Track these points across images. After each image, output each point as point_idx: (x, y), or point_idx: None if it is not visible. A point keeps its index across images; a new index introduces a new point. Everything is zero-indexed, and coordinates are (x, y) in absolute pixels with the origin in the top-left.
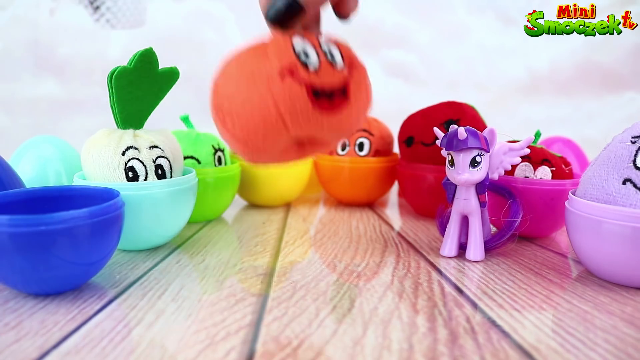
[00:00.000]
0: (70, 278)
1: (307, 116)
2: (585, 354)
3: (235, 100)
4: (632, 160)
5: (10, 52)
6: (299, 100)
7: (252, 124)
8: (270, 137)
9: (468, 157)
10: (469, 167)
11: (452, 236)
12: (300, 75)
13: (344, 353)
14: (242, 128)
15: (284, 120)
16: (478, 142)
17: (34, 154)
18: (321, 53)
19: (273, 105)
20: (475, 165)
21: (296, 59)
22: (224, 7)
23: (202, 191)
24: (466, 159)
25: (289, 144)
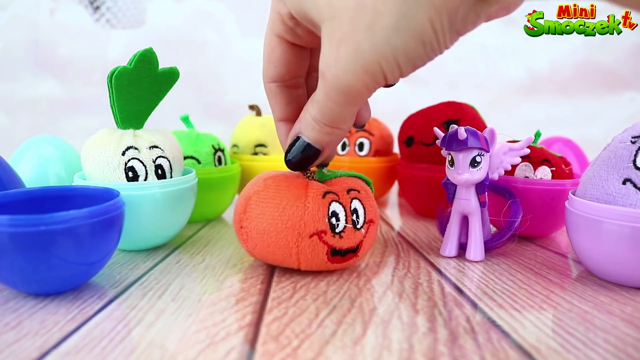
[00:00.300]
0: (70, 278)
1: (320, 266)
2: (585, 354)
3: (263, 236)
4: (632, 160)
5: (10, 52)
6: (319, 256)
7: (270, 256)
8: (279, 264)
9: (468, 157)
10: (469, 167)
11: (452, 236)
12: (326, 239)
13: (344, 353)
14: (259, 253)
15: (299, 263)
16: (478, 142)
17: (34, 154)
18: (349, 216)
19: (295, 254)
20: (475, 165)
21: (328, 223)
22: (224, 7)
23: (202, 191)
24: (466, 159)
25: None
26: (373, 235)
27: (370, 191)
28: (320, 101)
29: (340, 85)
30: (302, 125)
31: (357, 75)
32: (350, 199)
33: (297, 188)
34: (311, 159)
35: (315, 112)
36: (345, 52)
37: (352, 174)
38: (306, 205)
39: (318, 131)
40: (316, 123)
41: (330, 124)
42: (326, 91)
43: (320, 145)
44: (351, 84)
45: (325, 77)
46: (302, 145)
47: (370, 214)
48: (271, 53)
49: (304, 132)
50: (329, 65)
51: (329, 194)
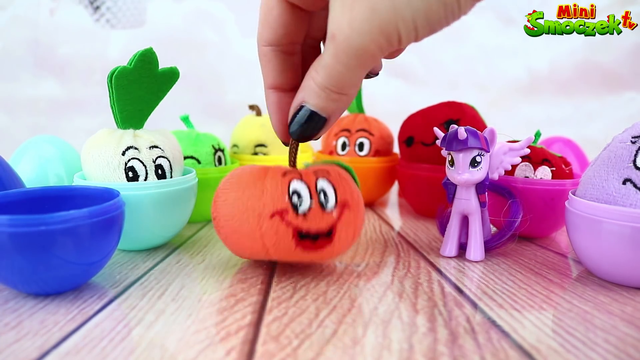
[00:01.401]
0: (70, 278)
1: (290, 252)
2: (585, 354)
3: (229, 222)
4: (632, 160)
5: (10, 52)
6: (284, 239)
7: (240, 245)
8: (254, 256)
9: (468, 157)
10: (469, 167)
11: (453, 236)
12: (289, 218)
13: (344, 353)
14: (232, 244)
15: (268, 250)
16: (478, 142)
17: (34, 154)
18: (315, 196)
19: (260, 238)
20: (475, 165)
21: (288, 202)
22: (224, 7)
23: (202, 191)
24: (466, 159)
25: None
26: (351, 221)
27: (347, 175)
28: (329, 65)
29: (353, 47)
30: (306, 93)
31: (372, 36)
32: (315, 179)
33: (258, 171)
34: (317, 128)
35: (322, 78)
36: (360, 12)
37: (333, 162)
38: (264, 185)
39: (324, 98)
40: (322, 90)
41: (338, 89)
42: (336, 54)
43: (326, 113)
44: (365, 45)
45: (336, 39)
46: (307, 113)
47: (344, 195)
48: (268, 13)
49: (308, 100)
50: (341, 27)
51: (290, 173)
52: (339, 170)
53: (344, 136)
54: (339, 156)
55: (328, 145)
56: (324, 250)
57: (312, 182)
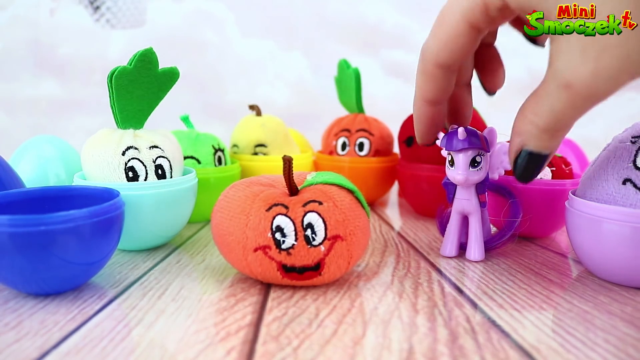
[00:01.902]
0: (70, 278)
1: (278, 280)
2: (585, 354)
3: (220, 246)
4: (632, 160)
5: (10, 52)
6: (269, 271)
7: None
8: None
9: (468, 157)
10: (469, 167)
11: (453, 236)
12: (271, 254)
13: (344, 353)
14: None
15: (257, 277)
16: (478, 142)
17: (34, 154)
18: (300, 231)
19: (247, 266)
20: (475, 165)
21: (271, 238)
22: (224, 7)
23: (202, 191)
24: (466, 159)
25: None
26: (343, 252)
27: (346, 202)
28: (560, 111)
29: (595, 95)
30: (525, 137)
31: (620, 81)
32: (303, 213)
33: (244, 200)
34: (541, 165)
35: (547, 123)
36: (611, 62)
37: (336, 182)
38: (248, 219)
39: (548, 139)
40: (544, 133)
41: (564, 129)
42: (573, 102)
43: (549, 150)
44: (610, 91)
45: (575, 88)
46: (530, 156)
47: (335, 230)
48: (454, 40)
49: (529, 143)
50: (581, 76)
51: (276, 207)
52: (336, 198)
53: (344, 136)
54: (339, 156)
55: (328, 145)
56: (313, 280)
57: (299, 217)
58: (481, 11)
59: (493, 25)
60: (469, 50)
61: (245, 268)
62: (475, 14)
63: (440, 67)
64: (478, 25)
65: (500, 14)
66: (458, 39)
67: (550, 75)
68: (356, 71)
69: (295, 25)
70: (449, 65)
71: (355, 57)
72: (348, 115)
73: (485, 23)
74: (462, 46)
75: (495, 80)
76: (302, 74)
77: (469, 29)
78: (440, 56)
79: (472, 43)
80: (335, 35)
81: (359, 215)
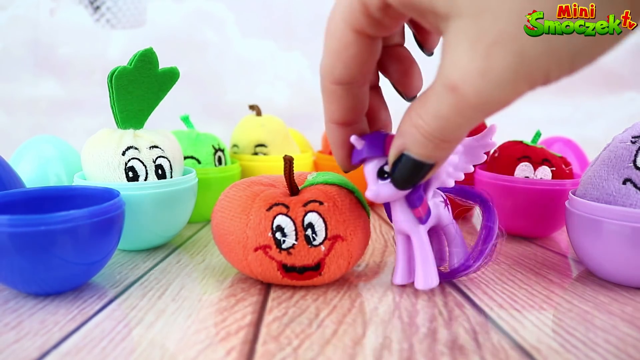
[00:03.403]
0: (70, 278)
1: (278, 280)
2: (585, 354)
3: (220, 246)
4: (632, 160)
5: (10, 52)
6: (269, 270)
7: (231, 262)
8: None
9: (373, 168)
10: (377, 180)
11: (402, 261)
12: (272, 254)
13: (344, 353)
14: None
15: (257, 277)
16: (379, 148)
17: (34, 154)
18: (301, 231)
19: (247, 266)
20: (385, 176)
21: (271, 237)
22: (224, 7)
23: (202, 191)
24: (371, 170)
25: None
26: (344, 252)
27: (346, 203)
28: (445, 117)
29: (484, 101)
30: (408, 141)
31: (515, 85)
32: (304, 212)
33: (245, 199)
34: (423, 174)
35: (432, 129)
36: (502, 59)
37: (337, 182)
38: (249, 218)
39: (432, 148)
40: (429, 140)
41: (452, 139)
42: (459, 108)
43: (434, 160)
44: (502, 97)
45: (460, 91)
46: (411, 162)
47: (335, 230)
48: (343, 51)
49: (411, 148)
50: (468, 77)
51: (276, 207)
52: (336, 198)
53: None
54: None
55: (328, 145)
56: (313, 280)
57: (299, 217)
58: (362, 13)
59: (383, 29)
60: (366, 60)
61: (245, 268)
62: (357, 18)
63: (339, 84)
64: (364, 31)
65: (385, 14)
66: (348, 50)
67: (438, 73)
68: None
69: (295, 25)
70: (348, 80)
71: None
72: None
73: (373, 28)
74: (355, 57)
75: (412, 83)
76: (302, 74)
77: (356, 37)
78: (335, 72)
79: (367, 52)
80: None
81: (360, 216)
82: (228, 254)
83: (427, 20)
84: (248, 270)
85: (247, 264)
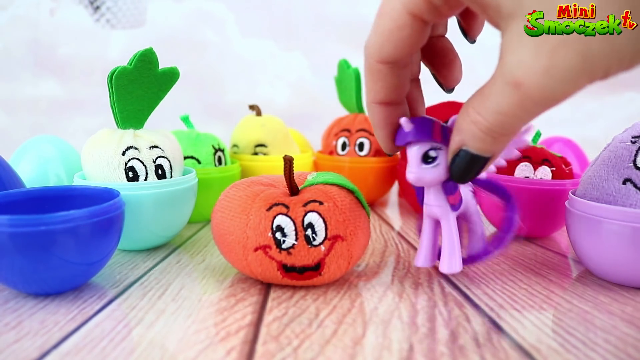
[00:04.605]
0: (70, 278)
1: (278, 280)
2: (585, 354)
3: (220, 246)
4: (632, 160)
5: (10, 52)
6: (269, 270)
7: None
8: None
9: (418, 152)
10: (421, 164)
11: (426, 243)
12: (272, 254)
13: (344, 353)
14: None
15: (257, 277)
16: (428, 133)
17: (34, 154)
18: (301, 231)
19: (247, 266)
20: (429, 161)
21: (271, 237)
22: (224, 7)
23: (202, 191)
24: (416, 154)
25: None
26: (344, 252)
27: (347, 201)
28: (506, 112)
29: (547, 96)
30: (467, 137)
31: (577, 81)
32: (304, 212)
33: (245, 199)
34: (480, 168)
35: (491, 124)
36: (567, 58)
37: (337, 182)
38: (249, 218)
39: (491, 142)
40: (488, 135)
41: (510, 133)
42: (522, 103)
43: (491, 153)
44: (565, 92)
45: (523, 88)
46: (470, 157)
47: (335, 230)
48: (396, 32)
49: (470, 143)
50: (532, 74)
51: (276, 207)
52: (336, 198)
53: (344, 136)
54: (339, 156)
55: (328, 145)
56: (313, 280)
57: (299, 217)
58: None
59: (440, 17)
60: (415, 43)
61: (245, 268)
62: (417, 3)
63: (386, 63)
64: (421, 16)
65: (445, 2)
66: (401, 32)
67: (499, 70)
68: (356, 71)
69: (295, 25)
70: (395, 60)
71: (355, 57)
72: (348, 115)
73: (430, 14)
74: (406, 39)
75: (452, 75)
76: (302, 74)
77: (412, 20)
78: (383, 51)
79: (417, 36)
80: (335, 35)
81: (359, 216)
82: (228, 254)
83: (487, 14)
84: (248, 270)
85: (247, 264)
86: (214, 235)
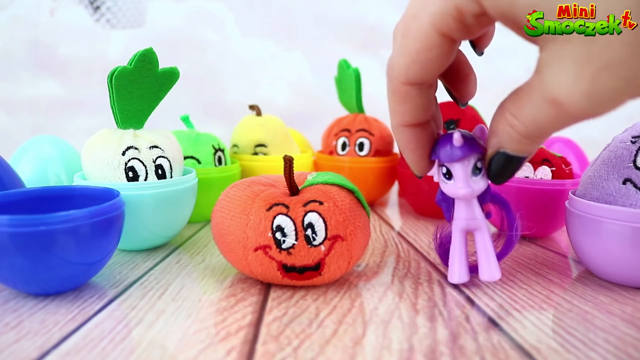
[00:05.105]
0: (70, 278)
1: (278, 280)
2: (585, 354)
3: (220, 245)
4: (632, 160)
5: (10, 52)
6: (269, 270)
7: (231, 262)
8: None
9: (468, 166)
10: (470, 177)
11: (460, 258)
12: (272, 254)
13: (344, 353)
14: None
15: (257, 277)
16: (476, 145)
17: (34, 154)
18: (301, 231)
19: (247, 266)
20: (477, 172)
21: (271, 237)
22: (224, 7)
23: (202, 191)
24: (466, 169)
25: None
26: (344, 252)
27: (347, 201)
28: (544, 123)
29: (586, 116)
30: (504, 139)
31: (617, 102)
32: (304, 212)
33: (245, 199)
34: (517, 168)
35: (528, 129)
36: (609, 83)
37: (337, 182)
38: (249, 218)
39: (528, 144)
40: (525, 138)
41: (546, 136)
42: (558, 117)
43: (527, 153)
44: (604, 110)
45: (563, 107)
46: (506, 158)
47: (335, 230)
48: (424, 52)
49: (507, 145)
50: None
51: (276, 206)
52: (336, 198)
53: (344, 136)
54: (339, 156)
55: (328, 145)
56: (313, 280)
57: (300, 216)
58: (455, 19)
59: (470, 35)
60: (444, 63)
61: (245, 268)
62: (448, 22)
63: (413, 84)
64: (451, 35)
65: (477, 21)
66: (429, 52)
67: (538, 83)
68: (356, 71)
69: (295, 25)
70: (422, 81)
71: (355, 57)
72: (348, 115)
73: (460, 33)
74: (435, 60)
75: (467, 89)
76: (302, 74)
77: (441, 40)
78: (410, 73)
79: (446, 56)
80: (335, 35)
81: (359, 215)
82: (228, 254)
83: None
84: (248, 270)
85: (247, 264)
86: (214, 235)
